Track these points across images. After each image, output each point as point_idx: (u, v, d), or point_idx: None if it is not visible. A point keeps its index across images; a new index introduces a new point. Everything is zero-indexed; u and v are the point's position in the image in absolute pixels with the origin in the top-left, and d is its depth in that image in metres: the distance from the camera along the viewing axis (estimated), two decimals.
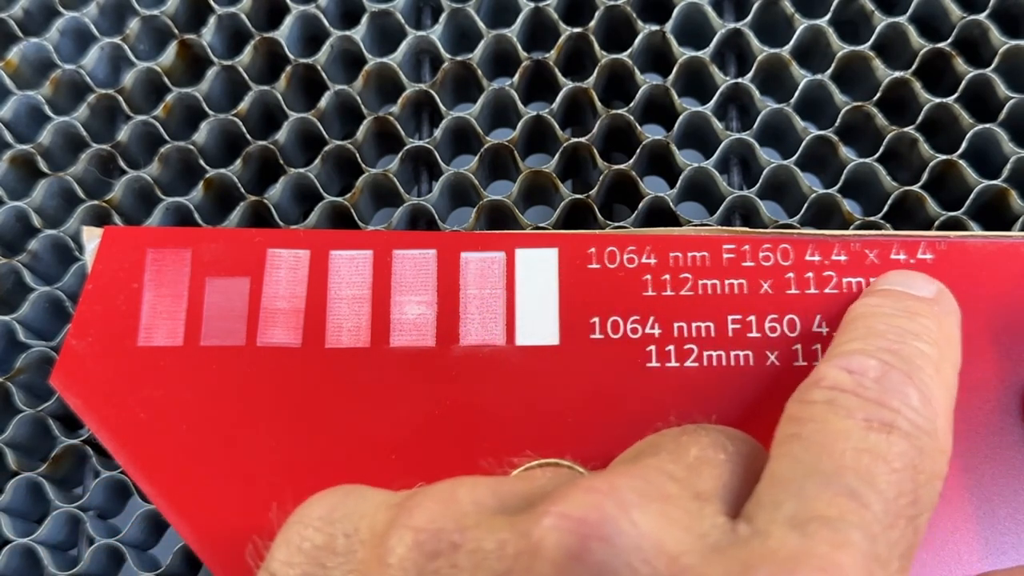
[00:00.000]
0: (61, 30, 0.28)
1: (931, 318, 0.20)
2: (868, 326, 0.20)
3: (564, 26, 0.28)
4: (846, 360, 0.18)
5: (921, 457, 0.17)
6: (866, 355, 0.18)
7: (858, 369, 0.18)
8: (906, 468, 0.17)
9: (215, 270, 0.24)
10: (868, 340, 0.19)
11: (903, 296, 0.21)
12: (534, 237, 0.24)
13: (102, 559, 0.25)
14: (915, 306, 0.20)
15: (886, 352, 0.18)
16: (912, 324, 0.20)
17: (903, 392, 0.18)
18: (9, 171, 0.28)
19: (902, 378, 0.18)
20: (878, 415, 0.17)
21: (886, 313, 0.20)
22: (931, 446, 0.17)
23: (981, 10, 0.27)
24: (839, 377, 0.18)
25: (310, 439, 0.23)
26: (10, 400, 0.26)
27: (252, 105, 0.28)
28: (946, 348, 0.20)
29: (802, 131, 0.27)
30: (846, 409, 0.17)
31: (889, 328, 0.19)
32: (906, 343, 0.19)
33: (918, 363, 0.18)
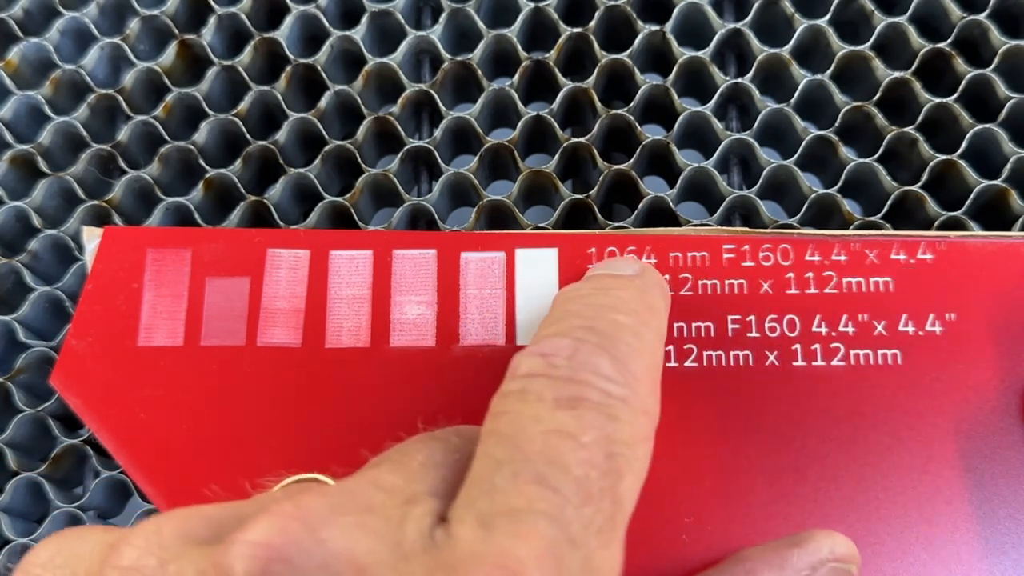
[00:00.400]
0: (61, 30, 0.28)
1: (630, 291, 0.20)
2: (565, 309, 0.19)
3: (564, 26, 0.28)
4: (540, 345, 0.18)
5: (615, 424, 0.17)
6: (559, 336, 0.18)
7: (550, 351, 0.18)
8: (597, 441, 0.17)
9: (215, 270, 0.24)
10: (563, 322, 0.19)
11: (602, 277, 0.21)
12: (534, 237, 0.24)
13: None
14: (612, 283, 0.20)
15: (579, 329, 0.18)
16: (607, 298, 0.20)
17: (594, 363, 0.18)
18: (9, 171, 0.28)
19: (593, 349, 0.18)
20: (566, 391, 0.17)
21: (583, 294, 0.20)
22: (626, 412, 0.17)
23: (981, 10, 0.27)
24: (532, 363, 0.18)
25: (310, 439, 0.23)
26: (10, 400, 0.26)
27: (252, 105, 0.28)
28: (647, 315, 0.20)
29: (802, 131, 0.27)
30: (536, 394, 0.17)
31: (584, 307, 0.19)
32: (601, 317, 0.19)
33: (612, 333, 0.18)
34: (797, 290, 0.24)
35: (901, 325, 0.23)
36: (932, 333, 0.23)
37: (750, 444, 0.22)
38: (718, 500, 0.22)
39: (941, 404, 0.22)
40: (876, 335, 0.23)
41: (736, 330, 0.23)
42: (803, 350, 0.23)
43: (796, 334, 0.23)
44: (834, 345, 0.23)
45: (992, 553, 0.22)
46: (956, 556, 0.22)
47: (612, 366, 0.18)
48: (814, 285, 0.24)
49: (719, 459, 0.22)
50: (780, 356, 0.23)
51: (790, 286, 0.24)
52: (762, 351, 0.23)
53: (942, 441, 0.22)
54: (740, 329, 0.23)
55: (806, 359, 0.23)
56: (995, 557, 0.22)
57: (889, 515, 0.22)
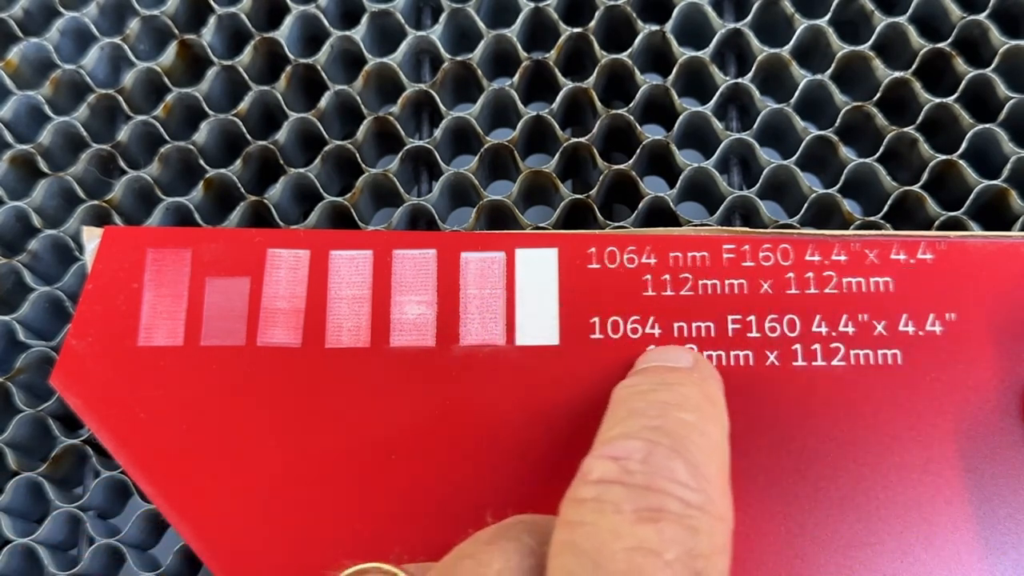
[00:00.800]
0: (61, 30, 0.28)
1: (690, 385, 0.20)
2: (629, 408, 0.19)
3: (564, 26, 0.28)
4: (610, 447, 0.18)
5: (696, 538, 0.17)
6: (628, 437, 0.18)
7: (622, 454, 0.17)
8: (680, 558, 0.16)
9: (215, 270, 0.24)
10: (629, 421, 0.18)
11: (659, 370, 0.21)
12: (534, 237, 0.24)
13: (102, 559, 0.25)
14: (671, 376, 0.20)
15: (648, 430, 0.18)
16: (670, 394, 0.19)
17: (670, 468, 0.17)
18: (9, 171, 0.28)
19: (667, 453, 0.17)
20: (646, 502, 0.17)
21: (644, 390, 0.20)
22: (706, 522, 0.17)
23: (981, 10, 0.27)
24: (605, 468, 0.17)
25: (310, 439, 0.23)
26: (10, 400, 0.26)
27: (252, 105, 0.28)
28: (709, 410, 0.19)
29: (802, 131, 0.27)
30: (614, 504, 0.17)
31: (649, 405, 0.19)
32: (667, 415, 0.18)
33: (682, 433, 0.18)
34: (797, 290, 0.24)
35: (901, 325, 0.23)
36: (932, 333, 0.23)
37: (750, 444, 0.22)
38: None
39: (941, 404, 0.22)
40: (876, 335, 0.23)
41: (736, 330, 0.23)
42: (803, 350, 0.23)
43: (796, 334, 0.23)
44: (834, 345, 0.23)
45: (992, 553, 0.22)
46: (956, 556, 0.22)
47: (687, 471, 0.17)
48: (814, 285, 0.24)
49: None
50: (780, 356, 0.23)
51: (790, 286, 0.24)
52: (762, 351, 0.23)
53: (942, 441, 0.22)
54: (740, 329, 0.23)
55: (806, 359, 0.23)
56: (995, 557, 0.22)
57: (889, 515, 0.22)
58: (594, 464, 0.18)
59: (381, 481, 0.23)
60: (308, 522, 0.22)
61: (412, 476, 0.23)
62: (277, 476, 0.23)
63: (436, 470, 0.23)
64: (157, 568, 0.24)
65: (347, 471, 0.23)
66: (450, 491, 0.22)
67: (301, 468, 0.23)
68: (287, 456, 0.23)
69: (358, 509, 0.22)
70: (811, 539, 0.22)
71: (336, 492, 0.22)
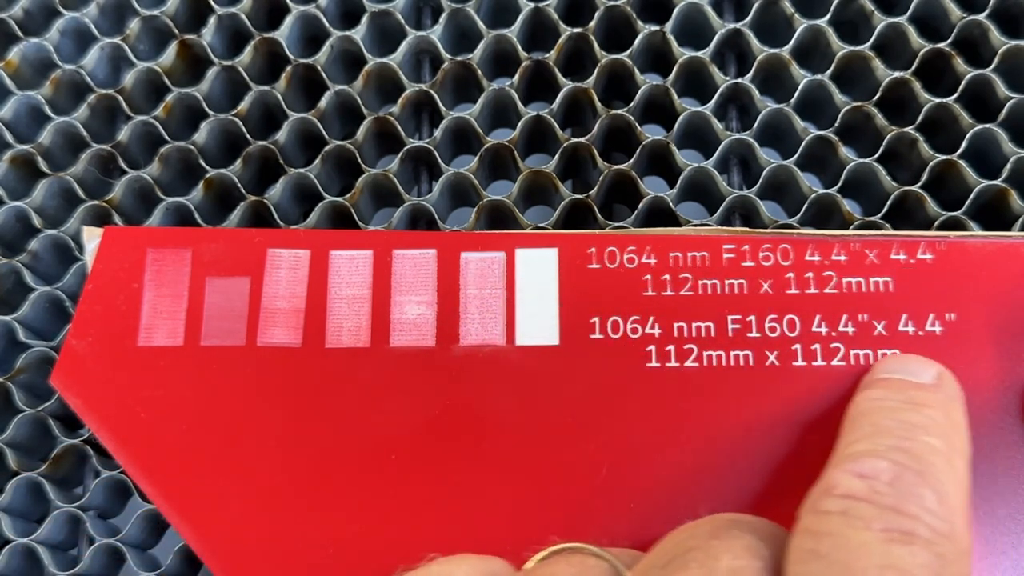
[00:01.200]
0: (61, 30, 0.28)
1: (937, 407, 0.20)
2: (874, 423, 0.19)
3: (564, 26, 0.28)
4: (857, 464, 0.18)
5: (944, 567, 0.16)
6: (876, 456, 0.18)
7: (870, 473, 0.17)
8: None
9: (215, 270, 0.24)
10: (876, 439, 0.18)
11: (905, 385, 0.21)
12: (534, 237, 0.24)
13: (102, 559, 0.25)
14: (919, 396, 0.20)
15: (896, 451, 0.18)
16: (918, 416, 0.19)
17: (919, 495, 0.17)
18: (9, 171, 0.28)
19: (916, 479, 0.17)
20: (897, 524, 0.17)
21: (891, 407, 0.20)
22: (952, 551, 0.17)
23: (981, 10, 0.27)
24: (852, 484, 0.17)
25: (310, 439, 0.23)
26: (10, 400, 0.26)
27: (252, 105, 0.28)
28: (955, 438, 0.19)
29: (802, 131, 0.27)
30: (863, 520, 0.17)
31: (896, 424, 0.19)
32: (915, 439, 0.18)
33: (930, 460, 0.18)
34: (797, 290, 0.24)
35: (901, 325, 0.23)
36: (932, 333, 0.23)
37: (750, 444, 0.22)
38: (718, 500, 0.22)
39: None
40: (876, 335, 0.23)
41: (736, 330, 0.23)
42: (803, 350, 0.23)
43: (796, 334, 0.23)
44: (834, 345, 0.23)
45: (992, 553, 0.22)
46: None
47: (936, 499, 0.17)
48: (814, 285, 0.24)
49: (719, 459, 0.22)
50: (780, 356, 0.23)
51: (790, 286, 0.24)
52: (762, 351, 0.23)
53: None
54: (740, 329, 0.23)
55: (806, 359, 0.23)
56: (995, 557, 0.21)
57: None
58: (840, 478, 0.17)
59: (381, 481, 0.23)
60: (308, 522, 0.22)
61: (412, 476, 0.23)
62: (277, 476, 0.23)
63: (436, 470, 0.23)
64: (157, 568, 0.24)
65: (347, 471, 0.23)
66: (450, 491, 0.22)
67: (301, 468, 0.23)
68: (287, 456, 0.23)
69: (358, 509, 0.22)
70: None
71: (336, 492, 0.22)
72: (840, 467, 0.18)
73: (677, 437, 0.23)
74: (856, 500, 0.17)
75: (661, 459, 0.22)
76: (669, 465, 0.22)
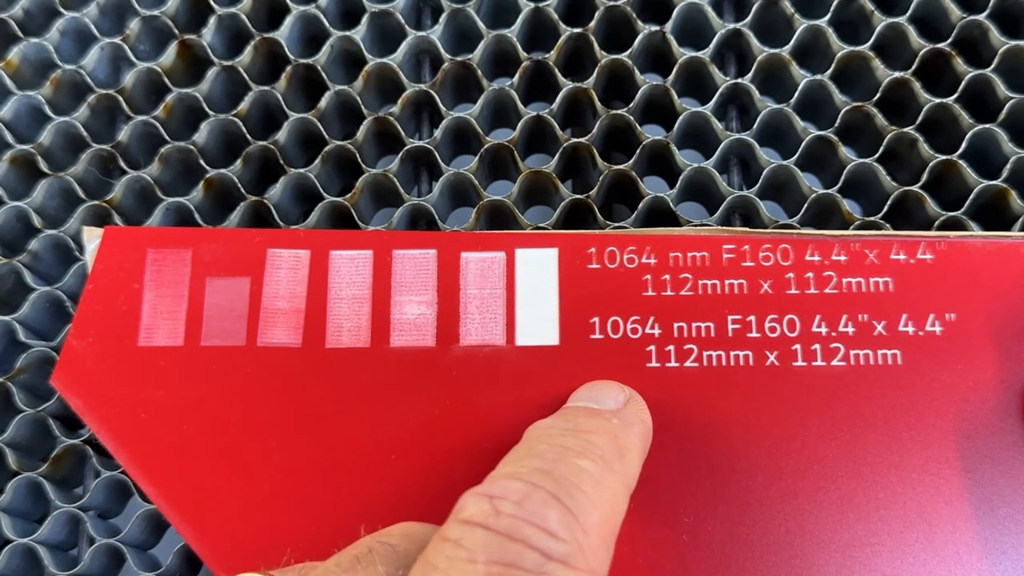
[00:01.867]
0: (61, 30, 0.28)
1: (602, 433, 0.20)
2: (530, 448, 0.19)
3: (564, 26, 0.28)
4: (492, 485, 0.17)
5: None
6: (513, 478, 0.18)
7: (500, 493, 0.17)
8: None
9: (215, 270, 0.24)
10: (524, 461, 0.18)
11: (580, 412, 0.21)
12: (534, 237, 0.24)
13: (102, 559, 0.25)
14: (587, 423, 0.20)
15: (537, 472, 0.18)
16: (576, 441, 0.19)
17: (542, 515, 0.17)
18: (9, 171, 0.28)
19: (545, 499, 0.17)
20: (502, 554, 0.16)
21: (553, 433, 0.19)
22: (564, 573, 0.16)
23: (981, 10, 0.27)
24: (476, 507, 0.17)
25: (310, 439, 0.23)
26: (10, 400, 0.26)
27: (252, 105, 0.28)
28: (615, 462, 0.19)
29: (802, 131, 0.27)
30: (470, 552, 0.16)
31: (549, 448, 0.19)
32: (565, 461, 0.18)
33: (573, 481, 0.18)
34: (797, 290, 0.24)
35: (901, 325, 0.23)
36: (932, 333, 0.23)
37: (750, 444, 0.22)
38: (718, 500, 0.22)
39: (941, 404, 0.23)
40: (876, 335, 0.23)
41: (736, 330, 0.23)
42: (803, 350, 0.23)
43: (796, 334, 0.23)
44: (834, 345, 0.23)
45: (992, 553, 0.22)
46: (956, 556, 0.22)
47: (560, 520, 0.17)
48: (814, 285, 0.24)
49: (719, 459, 0.22)
50: (780, 356, 0.23)
51: (790, 286, 0.24)
52: (762, 351, 0.23)
53: (942, 441, 0.22)
54: (740, 329, 0.23)
55: (806, 359, 0.23)
56: (995, 557, 0.22)
57: (889, 515, 0.22)
58: (468, 501, 0.17)
59: (381, 481, 0.23)
60: (308, 522, 0.22)
61: (412, 476, 0.23)
62: (277, 476, 0.23)
63: (436, 470, 0.23)
64: (157, 568, 0.24)
65: (347, 471, 0.23)
66: (450, 491, 0.22)
67: (301, 468, 0.23)
68: (287, 456, 0.23)
69: (358, 509, 0.22)
70: (811, 539, 0.22)
71: (336, 492, 0.22)
72: (475, 488, 0.18)
73: (677, 437, 0.23)
74: (473, 527, 0.17)
75: (661, 459, 0.22)
76: (669, 464, 0.22)
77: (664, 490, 0.22)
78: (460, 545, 0.16)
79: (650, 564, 0.22)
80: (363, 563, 0.18)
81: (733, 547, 0.22)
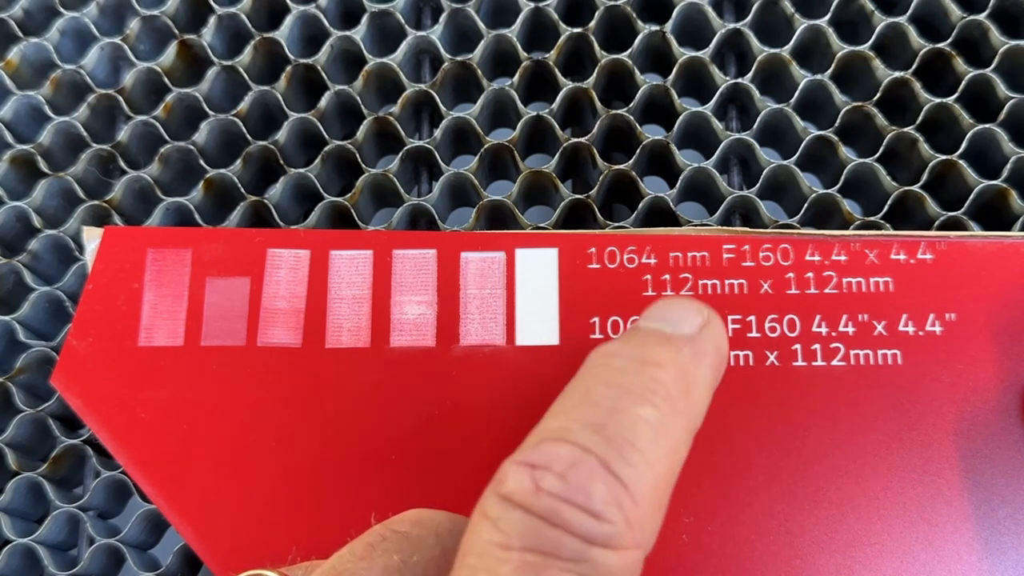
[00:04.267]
0: (61, 30, 0.28)
1: (670, 367, 0.17)
2: (586, 390, 0.17)
3: (564, 26, 0.28)
4: (533, 452, 0.16)
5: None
6: (561, 439, 0.16)
7: (543, 462, 0.16)
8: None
9: (215, 270, 0.24)
10: (576, 412, 0.17)
11: (649, 338, 0.18)
12: (534, 237, 0.24)
13: (102, 559, 0.25)
14: (655, 353, 0.18)
15: (589, 429, 0.16)
16: (640, 380, 0.17)
17: (586, 491, 0.15)
18: (9, 171, 0.28)
19: (592, 470, 0.16)
20: (539, 542, 0.15)
21: (616, 367, 0.17)
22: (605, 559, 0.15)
23: (981, 10, 0.27)
24: (516, 481, 0.16)
25: (310, 439, 0.23)
26: (10, 400, 0.26)
27: (252, 105, 0.28)
28: (682, 403, 0.17)
29: (802, 131, 0.27)
30: (506, 538, 0.15)
31: (608, 391, 0.17)
32: (623, 411, 0.16)
33: (628, 437, 0.16)
34: (797, 290, 0.24)
35: (901, 325, 0.23)
36: (932, 333, 0.23)
37: (750, 444, 0.22)
38: (718, 500, 0.22)
39: (941, 404, 0.23)
40: (876, 335, 0.23)
41: (736, 330, 0.23)
42: (803, 350, 0.23)
43: (796, 334, 0.23)
44: (834, 345, 0.23)
45: (992, 553, 0.22)
46: (956, 556, 0.22)
47: (606, 496, 0.16)
48: (814, 285, 0.24)
49: (719, 459, 0.22)
50: (780, 356, 0.23)
51: (790, 286, 0.24)
52: (762, 351, 0.23)
53: (942, 441, 0.22)
54: (740, 329, 0.23)
55: (806, 359, 0.23)
56: (995, 557, 0.22)
57: (889, 515, 0.22)
58: (510, 471, 0.16)
59: (381, 481, 0.23)
60: (308, 522, 0.22)
61: (412, 476, 0.23)
62: (277, 476, 0.23)
63: (436, 470, 0.23)
64: (157, 568, 0.24)
65: (347, 471, 0.23)
66: (450, 491, 0.22)
67: (301, 468, 0.23)
68: (287, 456, 0.23)
69: (358, 509, 0.22)
70: (811, 539, 0.22)
71: (336, 492, 0.22)
72: (517, 454, 0.16)
73: None
74: (511, 506, 0.16)
75: None
76: None
77: None
78: (498, 528, 0.15)
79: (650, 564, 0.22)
80: (377, 551, 0.17)
81: (733, 547, 0.22)
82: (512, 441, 0.23)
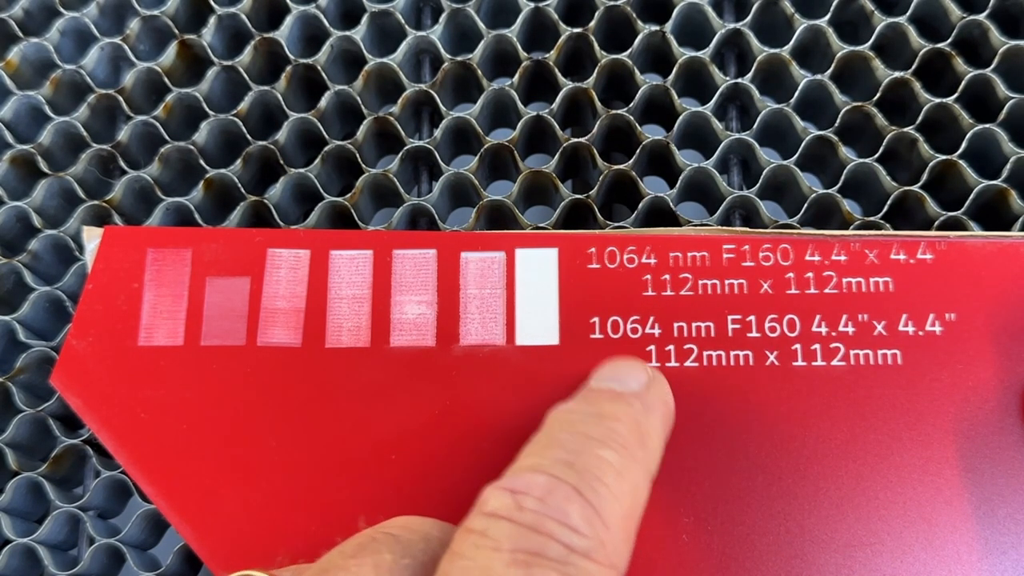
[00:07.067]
0: (61, 30, 0.28)
1: (624, 420, 0.19)
2: (551, 436, 0.19)
3: (564, 26, 0.28)
4: (514, 479, 0.18)
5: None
6: (536, 471, 0.18)
7: (522, 488, 0.17)
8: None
9: (215, 270, 0.24)
10: (545, 453, 0.18)
11: (602, 396, 0.20)
12: (534, 237, 0.24)
13: (102, 559, 0.25)
14: (609, 408, 0.20)
15: (560, 464, 0.18)
16: (599, 429, 0.19)
17: (563, 511, 0.17)
18: (9, 171, 0.28)
19: (568, 494, 0.17)
20: (526, 544, 0.16)
21: (574, 420, 0.19)
22: (586, 566, 0.17)
23: (981, 10, 0.27)
24: (500, 501, 0.17)
25: (310, 439, 0.23)
26: (10, 400, 0.26)
27: (252, 105, 0.28)
28: (638, 449, 0.19)
29: (802, 131, 0.27)
30: (495, 541, 0.16)
31: (572, 437, 0.19)
32: (587, 452, 0.18)
33: (594, 473, 0.18)
34: (797, 290, 0.24)
35: (901, 325, 0.23)
36: (932, 333, 0.23)
37: (750, 444, 0.22)
38: (718, 500, 0.22)
39: (941, 404, 0.23)
40: (876, 335, 0.23)
41: (736, 330, 0.23)
42: (803, 350, 0.23)
43: (796, 334, 0.23)
44: (834, 345, 0.23)
45: (992, 553, 0.22)
46: (956, 556, 0.22)
47: (582, 515, 0.17)
48: (814, 285, 0.24)
49: (719, 459, 0.22)
50: (780, 356, 0.23)
51: (790, 286, 0.24)
52: (762, 351, 0.23)
53: (942, 441, 0.22)
54: (740, 329, 0.23)
55: (806, 359, 0.23)
56: (995, 557, 0.22)
57: (889, 515, 0.22)
58: (491, 495, 0.17)
59: (381, 481, 0.23)
60: (308, 522, 0.22)
61: (412, 476, 0.23)
62: (277, 476, 0.23)
63: (436, 470, 0.23)
64: (157, 568, 0.24)
65: (347, 471, 0.23)
66: (451, 491, 0.22)
67: (301, 468, 0.23)
68: (287, 456, 0.23)
69: (358, 509, 0.22)
70: (811, 539, 0.22)
71: (336, 492, 0.22)
72: (497, 482, 0.18)
73: (677, 437, 0.23)
74: (497, 519, 0.17)
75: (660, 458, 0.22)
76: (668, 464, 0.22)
77: (664, 490, 0.22)
78: (485, 535, 0.17)
79: (650, 564, 0.22)
80: (368, 551, 0.18)
81: (733, 547, 0.22)
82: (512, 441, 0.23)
